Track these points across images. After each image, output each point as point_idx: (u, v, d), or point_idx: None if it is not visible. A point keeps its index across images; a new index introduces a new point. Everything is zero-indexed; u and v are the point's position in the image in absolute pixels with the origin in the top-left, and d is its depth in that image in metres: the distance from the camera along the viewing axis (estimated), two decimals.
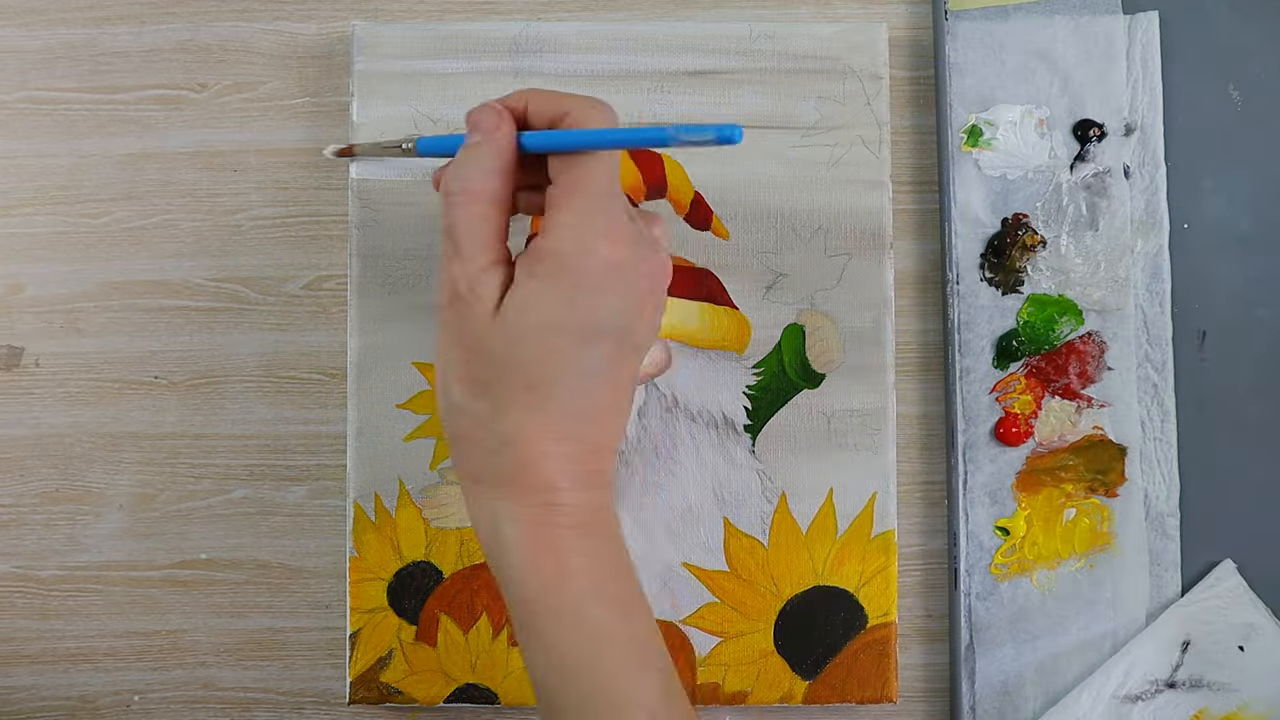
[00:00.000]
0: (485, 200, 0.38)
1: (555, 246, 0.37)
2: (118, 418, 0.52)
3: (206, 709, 0.52)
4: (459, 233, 0.38)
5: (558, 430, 0.38)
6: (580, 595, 0.38)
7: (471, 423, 0.38)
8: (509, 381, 0.38)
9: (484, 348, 0.38)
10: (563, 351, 0.37)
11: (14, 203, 0.53)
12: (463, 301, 0.38)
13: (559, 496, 0.38)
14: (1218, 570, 0.51)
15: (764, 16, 0.53)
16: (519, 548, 0.38)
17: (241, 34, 0.53)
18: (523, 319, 0.37)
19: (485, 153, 0.39)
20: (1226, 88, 0.52)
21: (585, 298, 0.37)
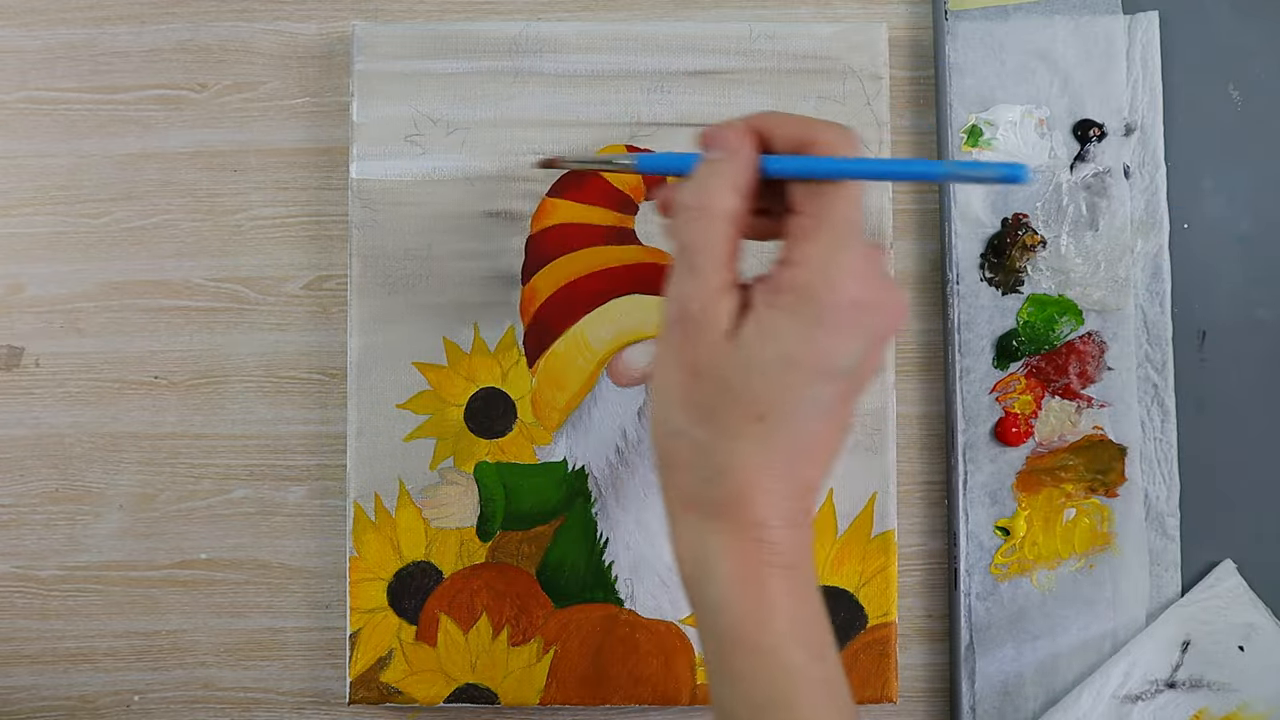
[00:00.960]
0: (725, 218, 0.37)
1: (802, 280, 0.36)
2: (118, 418, 0.53)
3: (206, 709, 0.52)
4: (695, 250, 0.36)
5: (779, 467, 0.36)
6: (780, 635, 0.36)
7: (689, 448, 0.37)
8: (735, 411, 0.36)
9: (712, 373, 0.36)
10: (796, 387, 0.36)
11: (14, 203, 0.53)
12: (693, 322, 0.36)
13: (770, 534, 0.36)
14: (1218, 570, 0.51)
15: (764, 16, 0.53)
16: (726, 581, 0.36)
17: (241, 34, 0.53)
18: (759, 349, 0.36)
19: (728, 170, 0.37)
20: (1226, 88, 0.52)
21: (826, 335, 0.36)
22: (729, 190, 0.37)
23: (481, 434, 0.51)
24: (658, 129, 0.51)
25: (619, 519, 0.50)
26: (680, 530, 0.38)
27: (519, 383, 0.51)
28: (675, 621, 0.50)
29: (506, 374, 0.51)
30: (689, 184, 0.37)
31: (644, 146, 0.51)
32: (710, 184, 0.37)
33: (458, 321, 0.51)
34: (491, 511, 0.50)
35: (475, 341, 0.51)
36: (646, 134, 0.51)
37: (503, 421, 0.51)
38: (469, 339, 0.51)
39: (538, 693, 0.50)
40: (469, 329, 0.51)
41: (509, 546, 0.50)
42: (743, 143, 0.37)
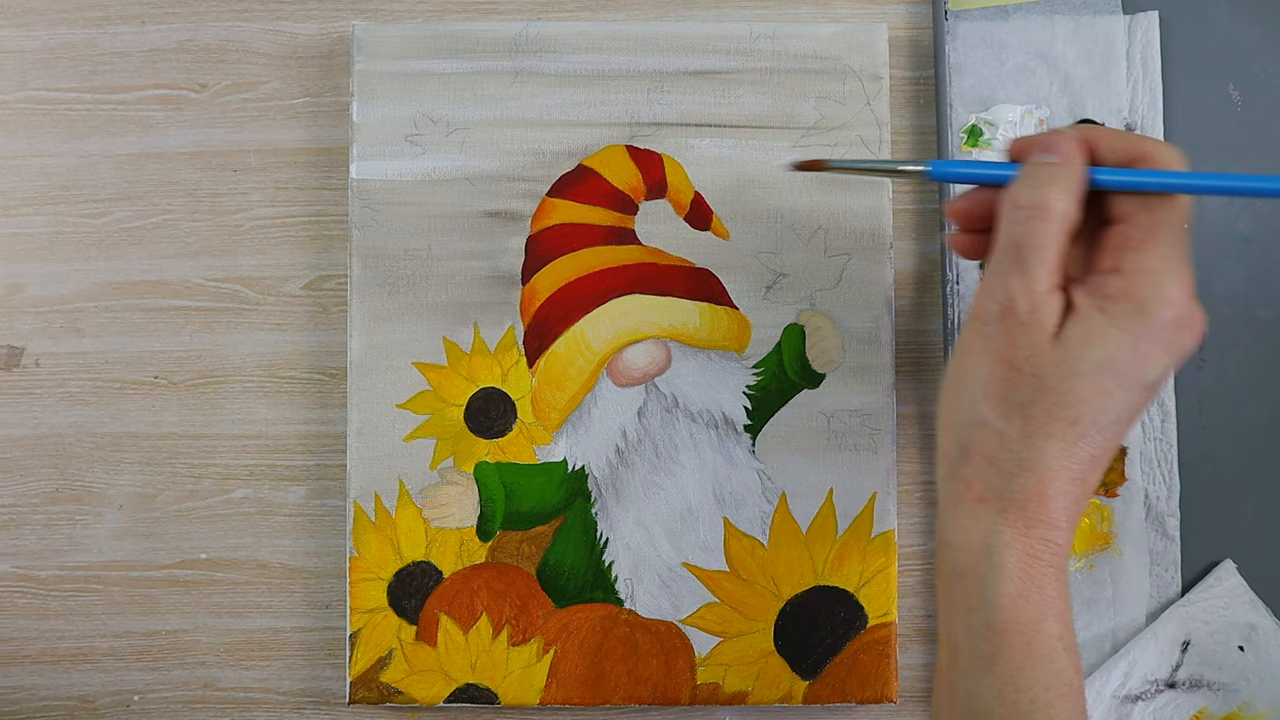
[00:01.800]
0: (1061, 220, 0.38)
1: (1134, 290, 0.37)
2: (118, 418, 0.53)
3: (206, 709, 0.52)
4: (1029, 249, 0.38)
5: (1080, 469, 0.38)
6: (1051, 637, 0.37)
7: (994, 440, 0.38)
8: (1050, 410, 0.37)
9: (1031, 371, 0.37)
10: (1111, 394, 0.37)
11: (14, 203, 0.53)
12: (1018, 320, 0.37)
13: (1056, 535, 0.37)
14: (1218, 570, 0.51)
15: (764, 16, 0.53)
16: (1012, 576, 0.37)
17: (241, 34, 0.53)
18: (1085, 353, 0.37)
19: (1066, 174, 0.38)
20: (1226, 88, 0.52)
21: (1148, 346, 0.37)
22: (1067, 194, 0.38)
23: (481, 434, 0.51)
24: (658, 129, 0.51)
25: (619, 519, 0.50)
26: (964, 520, 0.38)
27: (519, 383, 0.51)
28: (675, 621, 0.50)
29: (506, 374, 0.51)
30: (1026, 184, 0.38)
31: (644, 147, 0.51)
32: (1048, 187, 0.38)
33: (458, 321, 0.51)
34: (491, 511, 0.50)
35: (475, 341, 0.51)
36: (646, 134, 0.51)
37: (503, 421, 0.51)
38: (469, 339, 0.51)
39: (538, 693, 0.50)
40: (469, 329, 0.51)
41: (509, 546, 0.50)
42: (1077, 152, 0.39)
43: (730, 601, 0.50)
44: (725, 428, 0.51)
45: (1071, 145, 0.39)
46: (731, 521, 0.50)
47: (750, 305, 0.51)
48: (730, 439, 0.51)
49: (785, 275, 0.51)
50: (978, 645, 0.38)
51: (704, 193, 0.51)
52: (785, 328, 0.51)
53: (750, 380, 0.51)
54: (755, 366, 0.51)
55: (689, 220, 0.51)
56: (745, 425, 0.51)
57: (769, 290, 0.51)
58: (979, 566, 0.38)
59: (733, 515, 0.50)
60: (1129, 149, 0.39)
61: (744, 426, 0.51)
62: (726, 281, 0.51)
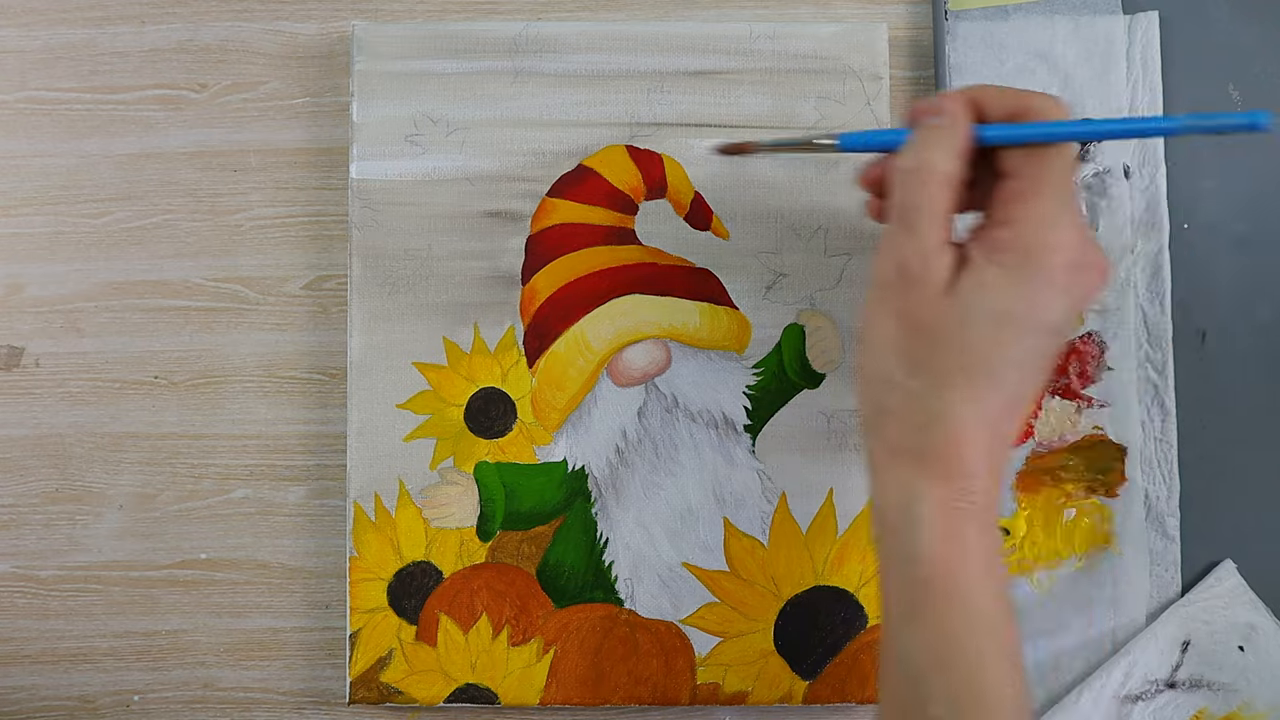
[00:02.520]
0: (945, 180, 0.39)
1: (1021, 239, 0.38)
2: (118, 418, 0.53)
3: (206, 709, 0.52)
4: (917, 209, 0.39)
5: (988, 417, 0.38)
6: (974, 586, 0.38)
7: (903, 397, 0.39)
8: (951, 362, 0.38)
9: (930, 326, 0.38)
10: (1010, 342, 0.38)
11: (14, 203, 0.53)
12: (912, 278, 0.38)
13: (974, 483, 0.38)
14: (1218, 570, 0.51)
15: (764, 16, 0.53)
16: (930, 527, 0.38)
17: (241, 34, 0.53)
18: (978, 303, 0.38)
19: (948, 135, 0.39)
20: (1226, 88, 0.52)
21: (1042, 293, 0.38)
22: (949, 153, 0.39)
23: (481, 434, 0.51)
24: (658, 129, 0.51)
25: (619, 519, 0.50)
26: (885, 478, 0.39)
27: (519, 383, 0.51)
28: (675, 621, 0.50)
29: (506, 374, 0.51)
30: (911, 148, 0.40)
31: (644, 146, 0.51)
32: (931, 149, 0.39)
33: (458, 321, 0.51)
34: (491, 511, 0.50)
35: (475, 341, 0.51)
36: (646, 134, 0.51)
37: (503, 421, 0.51)
38: (469, 339, 0.51)
39: (538, 693, 0.50)
40: (469, 329, 0.51)
41: (509, 546, 0.50)
42: (960, 110, 0.40)
43: (730, 601, 0.50)
44: (725, 428, 0.51)
45: (955, 105, 0.40)
46: (731, 521, 0.50)
47: (750, 305, 0.51)
48: (730, 439, 0.51)
49: (785, 275, 0.51)
50: (906, 597, 0.38)
51: (704, 193, 0.51)
52: (785, 328, 0.51)
53: (750, 380, 0.51)
54: (755, 366, 0.51)
55: (689, 220, 0.51)
56: (745, 425, 0.51)
57: (769, 290, 0.51)
58: (900, 521, 0.38)
59: (733, 515, 0.50)
60: (1014, 104, 0.40)
61: (744, 426, 0.51)
62: (726, 281, 0.51)
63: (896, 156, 0.40)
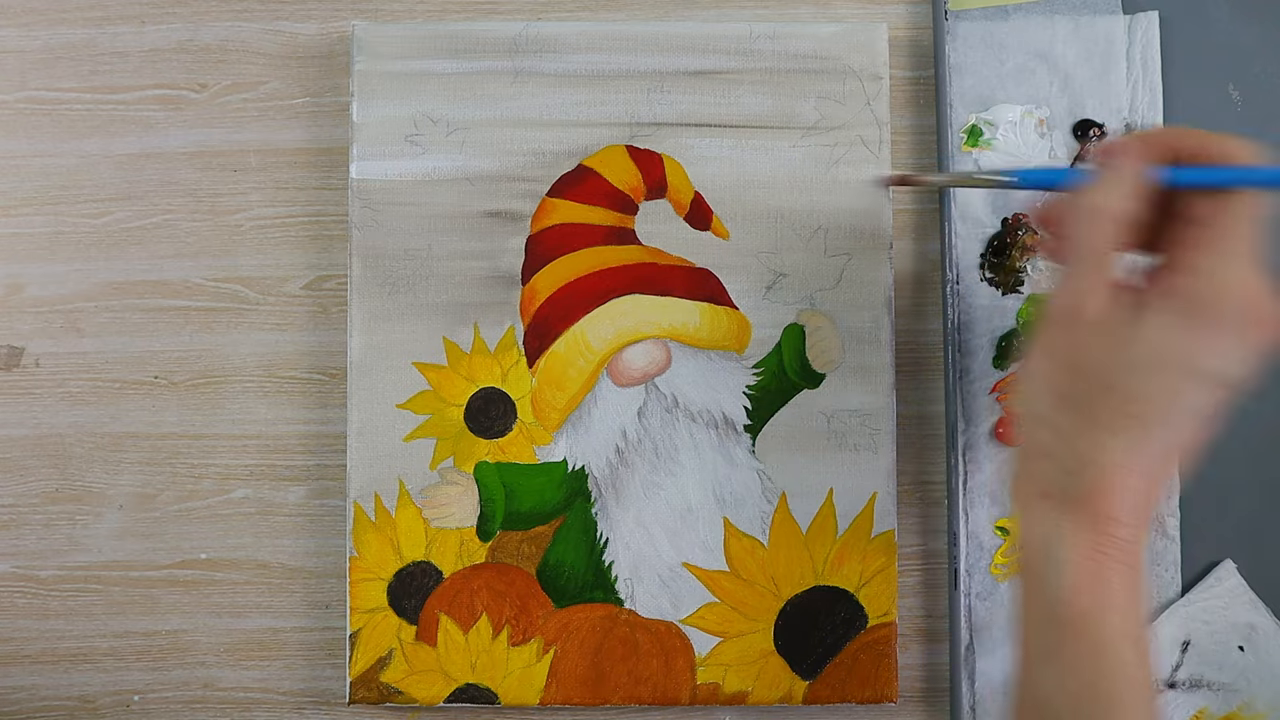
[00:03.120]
0: (1119, 222, 0.38)
1: (1200, 287, 0.37)
2: (118, 418, 0.53)
3: (206, 709, 0.52)
4: (1088, 250, 0.38)
5: (1143, 465, 0.38)
6: (1116, 631, 0.37)
7: (1054, 437, 0.39)
8: (1110, 406, 0.38)
9: (1092, 367, 0.38)
10: (1174, 390, 0.37)
11: (14, 203, 0.53)
12: (1078, 318, 0.38)
13: (1120, 530, 0.38)
14: (1218, 570, 0.51)
15: (764, 16, 0.53)
16: (1072, 570, 0.38)
17: (241, 34, 0.53)
18: (1144, 349, 0.37)
19: (1123, 175, 0.39)
20: (1226, 88, 0.52)
21: (1211, 341, 0.37)
22: (1129, 197, 0.38)
23: (481, 434, 0.51)
24: (658, 129, 0.51)
25: (619, 519, 0.50)
26: (1030, 516, 0.39)
27: (519, 383, 0.51)
28: (675, 621, 0.50)
29: (506, 374, 0.51)
30: (1090, 189, 0.39)
31: (644, 147, 0.51)
32: (1113, 190, 0.39)
33: (458, 321, 0.51)
34: (491, 511, 0.50)
35: (475, 341, 0.51)
36: (646, 134, 0.51)
37: (503, 421, 0.51)
38: (469, 339, 0.51)
39: (538, 693, 0.50)
40: (469, 329, 0.51)
41: (509, 546, 0.50)
42: (1141, 151, 0.39)
43: (730, 601, 0.50)
44: (725, 428, 0.51)
45: (1135, 146, 0.39)
46: (731, 521, 0.50)
47: (750, 305, 0.51)
48: (730, 439, 0.51)
49: (785, 275, 0.51)
50: (1043, 637, 0.38)
51: (704, 193, 0.51)
52: (785, 328, 0.51)
53: (750, 380, 0.51)
54: (755, 366, 0.51)
55: (689, 220, 0.51)
56: (745, 425, 0.51)
57: (769, 290, 0.51)
58: (1041, 561, 0.38)
59: (733, 515, 0.50)
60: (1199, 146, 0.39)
61: (744, 426, 0.51)
62: (726, 281, 0.51)
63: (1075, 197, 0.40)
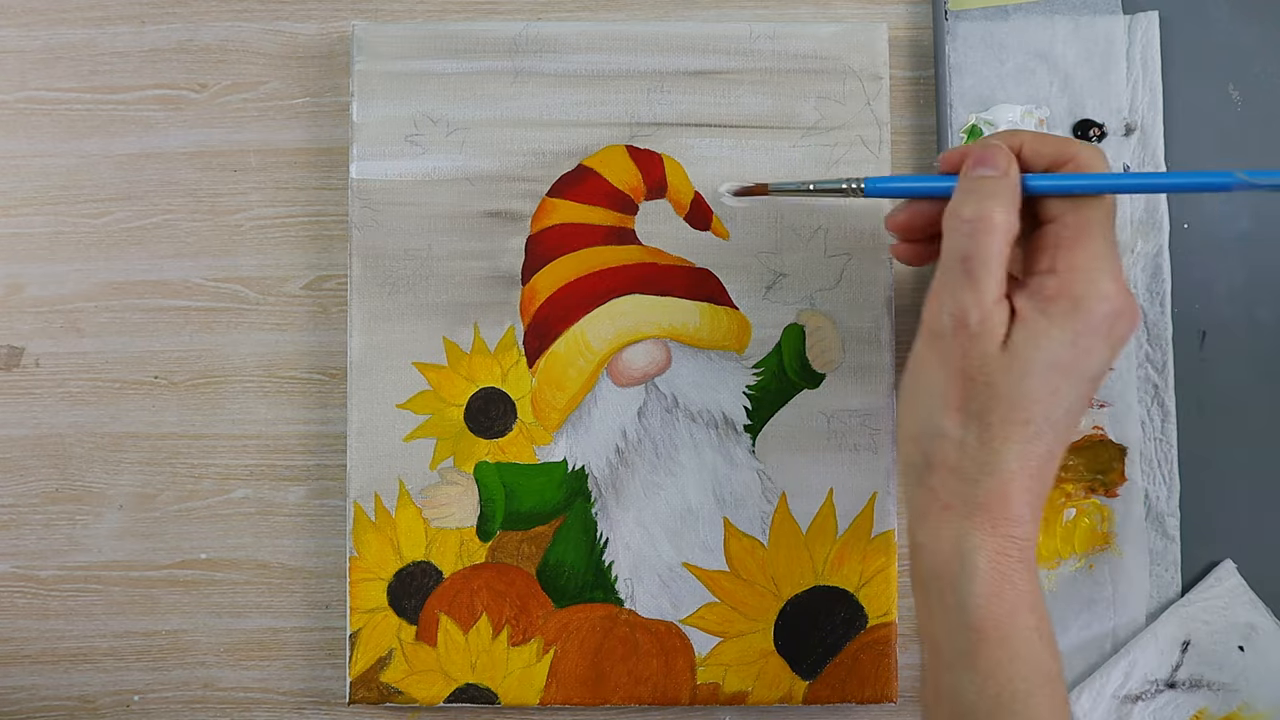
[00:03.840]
0: (1004, 233, 0.39)
1: (1070, 289, 0.39)
2: (118, 418, 0.53)
3: (206, 709, 0.52)
4: (977, 262, 0.39)
5: (1037, 466, 0.39)
6: (1027, 629, 0.39)
7: (955, 450, 0.39)
8: (1006, 415, 0.39)
9: (985, 379, 0.39)
10: (1060, 391, 0.39)
11: (14, 203, 0.53)
12: (969, 332, 0.39)
13: (1021, 530, 0.39)
14: (1218, 570, 0.51)
15: (764, 16, 0.53)
16: (984, 575, 0.39)
17: (241, 34, 0.53)
18: (1032, 356, 0.38)
19: (1004, 187, 0.40)
20: (1226, 88, 0.52)
21: (1088, 341, 0.39)
22: (1007, 206, 0.39)
23: (481, 434, 0.51)
24: (658, 129, 0.51)
25: (619, 519, 0.50)
26: (935, 528, 0.40)
27: (519, 383, 0.51)
28: (675, 621, 0.50)
29: (506, 374, 0.51)
30: (967, 199, 0.40)
31: (644, 147, 0.51)
32: (989, 201, 0.39)
33: (458, 321, 0.51)
34: (491, 511, 0.50)
35: (475, 341, 0.51)
36: (646, 134, 0.51)
37: (503, 421, 0.51)
38: (469, 339, 0.51)
39: (538, 693, 0.50)
40: (469, 329, 0.51)
41: (509, 546, 0.50)
42: (1011, 162, 0.40)
43: (730, 601, 0.50)
44: (725, 428, 0.51)
45: (1005, 157, 0.40)
46: (731, 521, 0.50)
47: (750, 305, 0.51)
48: (730, 439, 0.51)
49: (785, 275, 0.51)
50: (957, 643, 0.39)
51: (704, 193, 0.51)
52: (785, 328, 0.51)
53: (750, 380, 0.51)
54: (755, 366, 0.51)
55: (689, 220, 0.51)
56: (745, 425, 0.51)
57: (769, 290, 0.51)
58: (951, 569, 0.39)
59: (733, 515, 0.50)
60: (1055, 153, 0.41)
61: (744, 426, 0.51)
62: (726, 281, 0.51)
63: (951, 206, 0.40)
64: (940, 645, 0.40)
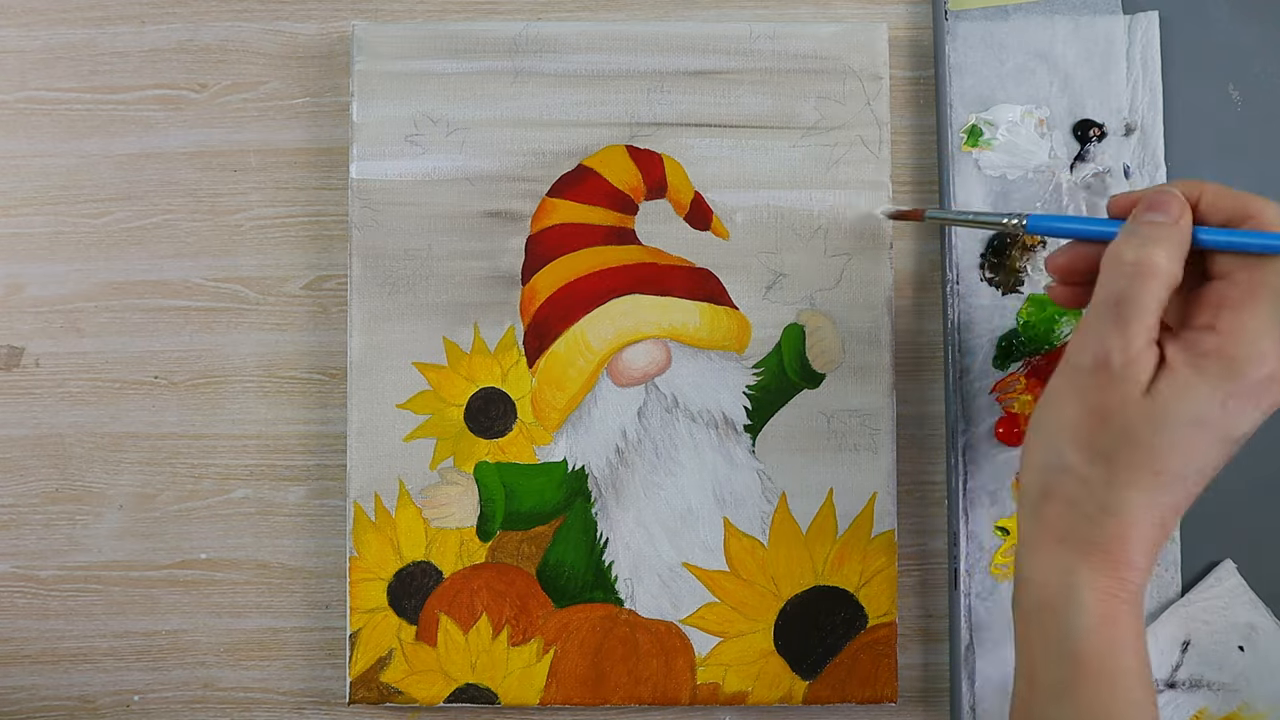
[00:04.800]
0: (1165, 280, 0.38)
1: (1228, 349, 0.38)
2: (118, 418, 0.53)
3: (206, 709, 0.52)
4: (1129, 306, 0.38)
5: (1158, 516, 0.39)
6: (1127, 669, 0.39)
7: (1077, 486, 0.39)
8: (1137, 461, 0.38)
9: (1120, 422, 0.38)
10: (1199, 448, 0.38)
11: (14, 203, 0.53)
12: (1111, 373, 0.38)
13: (1134, 574, 0.39)
14: (1218, 570, 0.51)
15: (764, 16, 0.53)
16: (1090, 610, 0.39)
17: (241, 34, 0.53)
18: (1176, 409, 0.38)
19: (1171, 234, 0.39)
20: (1226, 88, 0.52)
21: (1238, 404, 0.38)
22: (1172, 254, 0.39)
23: (481, 434, 0.51)
24: (658, 129, 0.51)
25: (619, 519, 0.50)
26: (1044, 559, 0.40)
27: (519, 383, 0.51)
28: (675, 621, 0.50)
29: (506, 374, 0.51)
30: (1131, 241, 0.39)
31: (644, 147, 0.51)
32: (1155, 247, 0.39)
33: (458, 321, 0.51)
34: (491, 511, 0.50)
35: (475, 341, 0.51)
36: (646, 134, 0.51)
37: (503, 421, 0.51)
38: (469, 339, 0.51)
39: (538, 693, 0.50)
40: (469, 329, 0.51)
41: (509, 546, 0.50)
42: (1184, 211, 0.39)
43: (730, 601, 0.50)
44: (725, 428, 0.51)
45: (1178, 205, 0.39)
46: (731, 521, 0.50)
47: (750, 305, 0.51)
48: (730, 439, 0.51)
49: (785, 275, 0.51)
50: (1057, 675, 0.39)
51: (704, 193, 0.51)
52: (785, 328, 0.51)
53: (750, 380, 0.51)
54: (755, 366, 0.51)
55: (689, 220, 0.51)
56: (745, 425, 0.51)
57: (769, 290, 0.51)
58: (1059, 601, 0.39)
59: (733, 515, 0.50)
60: (1234, 207, 0.40)
61: (744, 426, 0.51)
62: (726, 281, 0.51)
63: (1113, 246, 0.40)
64: (1038, 677, 0.40)
